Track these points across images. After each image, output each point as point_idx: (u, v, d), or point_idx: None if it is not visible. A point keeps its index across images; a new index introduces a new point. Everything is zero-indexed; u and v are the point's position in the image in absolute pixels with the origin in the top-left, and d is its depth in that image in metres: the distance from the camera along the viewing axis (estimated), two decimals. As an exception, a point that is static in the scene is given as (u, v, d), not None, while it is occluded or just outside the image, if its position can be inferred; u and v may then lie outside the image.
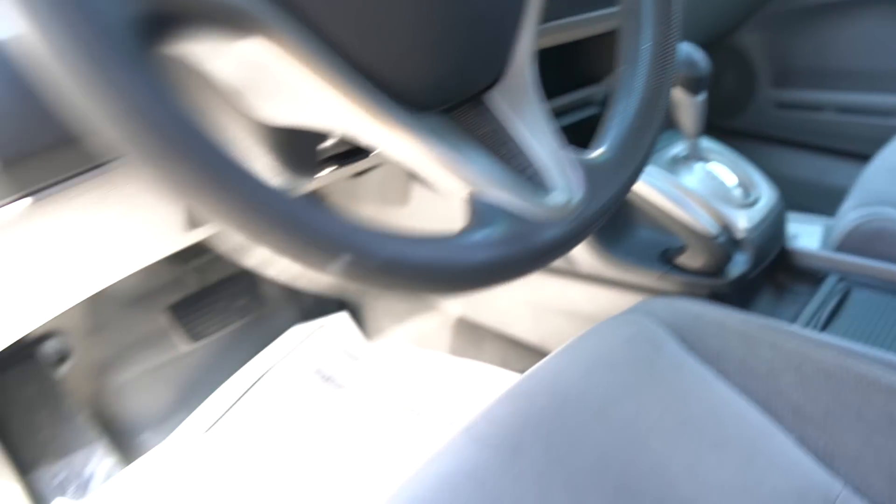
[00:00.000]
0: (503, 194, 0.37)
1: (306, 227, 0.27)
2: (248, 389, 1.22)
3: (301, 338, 1.28)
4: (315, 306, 1.32)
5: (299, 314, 1.32)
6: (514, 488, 0.53)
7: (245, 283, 1.25)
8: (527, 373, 0.65)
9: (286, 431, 1.14)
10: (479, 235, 0.33)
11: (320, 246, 0.27)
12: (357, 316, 1.33)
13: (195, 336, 1.19)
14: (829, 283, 0.91)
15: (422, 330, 1.26)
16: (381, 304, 1.32)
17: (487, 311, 1.14)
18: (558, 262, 0.94)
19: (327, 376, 1.28)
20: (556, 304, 1.00)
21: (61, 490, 1.05)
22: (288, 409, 1.21)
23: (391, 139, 0.35)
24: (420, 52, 0.34)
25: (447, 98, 0.38)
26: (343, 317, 1.31)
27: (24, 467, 1.01)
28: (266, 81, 0.33)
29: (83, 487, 1.07)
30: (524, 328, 1.09)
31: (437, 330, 1.23)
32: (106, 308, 1.16)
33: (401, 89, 0.35)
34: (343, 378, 1.27)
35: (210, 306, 1.21)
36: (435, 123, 0.37)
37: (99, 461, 1.07)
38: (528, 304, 1.05)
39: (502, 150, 0.39)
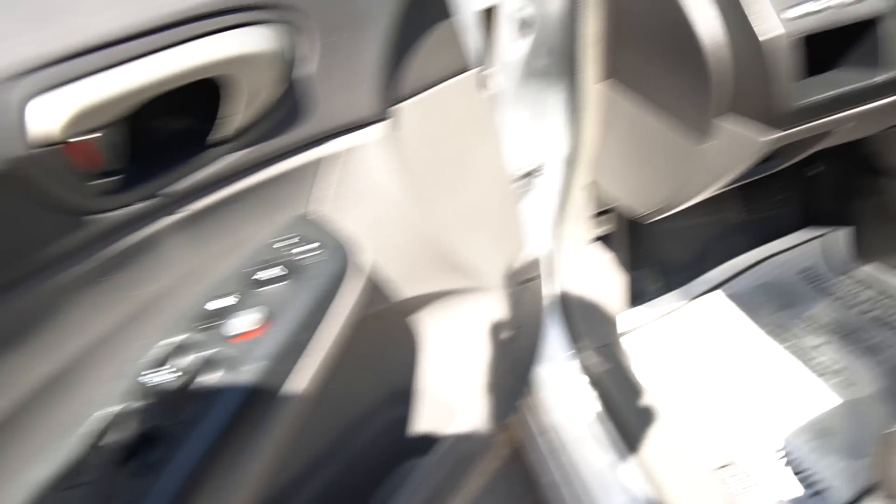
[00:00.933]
0: None
1: None
2: (741, 272, 1.52)
3: (801, 239, 1.53)
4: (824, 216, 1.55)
5: (806, 218, 1.57)
6: None
7: (791, 180, 1.52)
8: None
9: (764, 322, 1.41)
10: None
11: None
12: (859, 235, 1.53)
13: (746, 207, 1.52)
14: None
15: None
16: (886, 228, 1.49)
17: None
18: None
19: (812, 278, 1.51)
20: None
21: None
22: (771, 296, 1.48)
23: None
24: None
25: None
26: (841, 233, 1.52)
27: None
28: None
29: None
30: None
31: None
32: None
33: None
34: (827, 285, 1.50)
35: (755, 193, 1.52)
36: None
37: (652, 284, 1.47)
38: None
39: None
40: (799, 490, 1.17)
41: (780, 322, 1.41)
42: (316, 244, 0.60)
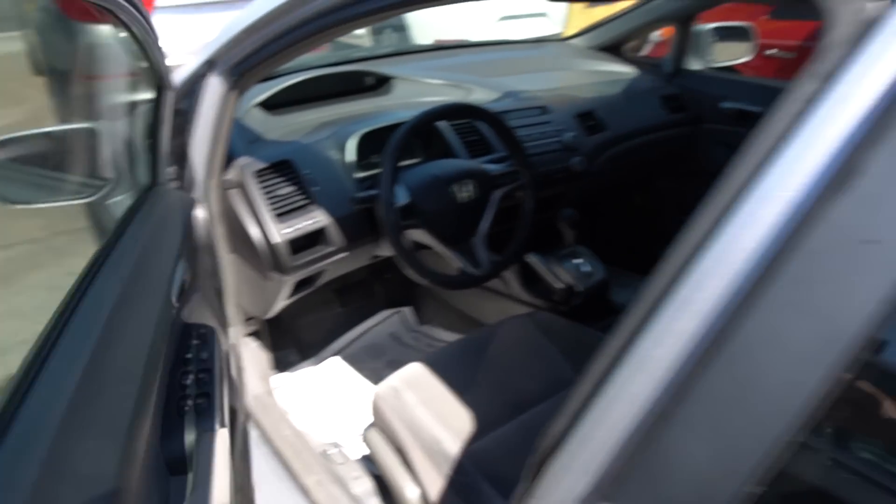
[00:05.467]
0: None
1: None
2: (352, 341, 2.47)
3: (386, 316, 2.53)
4: (396, 301, 2.56)
5: (387, 304, 2.57)
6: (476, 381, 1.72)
7: (365, 288, 2.51)
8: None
9: (367, 367, 2.36)
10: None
11: None
12: (418, 309, 2.57)
13: (342, 304, 2.46)
14: None
15: (449, 319, 2.48)
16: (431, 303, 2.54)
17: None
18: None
19: (396, 338, 2.51)
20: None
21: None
22: (373, 352, 2.44)
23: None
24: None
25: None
26: (409, 309, 2.55)
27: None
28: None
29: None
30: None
31: (456, 319, 2.46)
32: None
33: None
34: (406, 340, 2.50)
35: (350, 295, 2.48)
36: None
37: (288, 357, 2.33)
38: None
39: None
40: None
41: (374, 367, 2.36)
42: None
